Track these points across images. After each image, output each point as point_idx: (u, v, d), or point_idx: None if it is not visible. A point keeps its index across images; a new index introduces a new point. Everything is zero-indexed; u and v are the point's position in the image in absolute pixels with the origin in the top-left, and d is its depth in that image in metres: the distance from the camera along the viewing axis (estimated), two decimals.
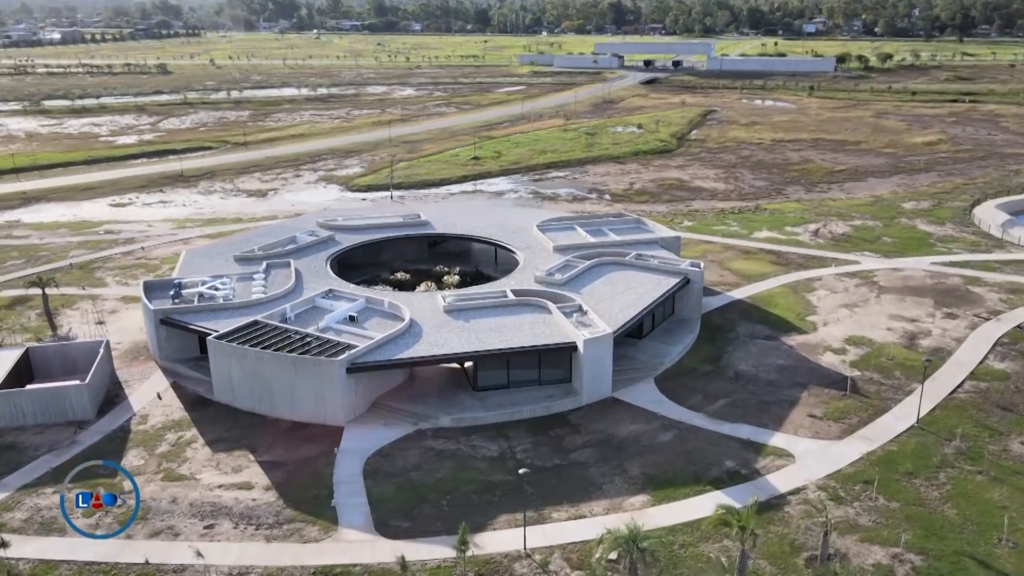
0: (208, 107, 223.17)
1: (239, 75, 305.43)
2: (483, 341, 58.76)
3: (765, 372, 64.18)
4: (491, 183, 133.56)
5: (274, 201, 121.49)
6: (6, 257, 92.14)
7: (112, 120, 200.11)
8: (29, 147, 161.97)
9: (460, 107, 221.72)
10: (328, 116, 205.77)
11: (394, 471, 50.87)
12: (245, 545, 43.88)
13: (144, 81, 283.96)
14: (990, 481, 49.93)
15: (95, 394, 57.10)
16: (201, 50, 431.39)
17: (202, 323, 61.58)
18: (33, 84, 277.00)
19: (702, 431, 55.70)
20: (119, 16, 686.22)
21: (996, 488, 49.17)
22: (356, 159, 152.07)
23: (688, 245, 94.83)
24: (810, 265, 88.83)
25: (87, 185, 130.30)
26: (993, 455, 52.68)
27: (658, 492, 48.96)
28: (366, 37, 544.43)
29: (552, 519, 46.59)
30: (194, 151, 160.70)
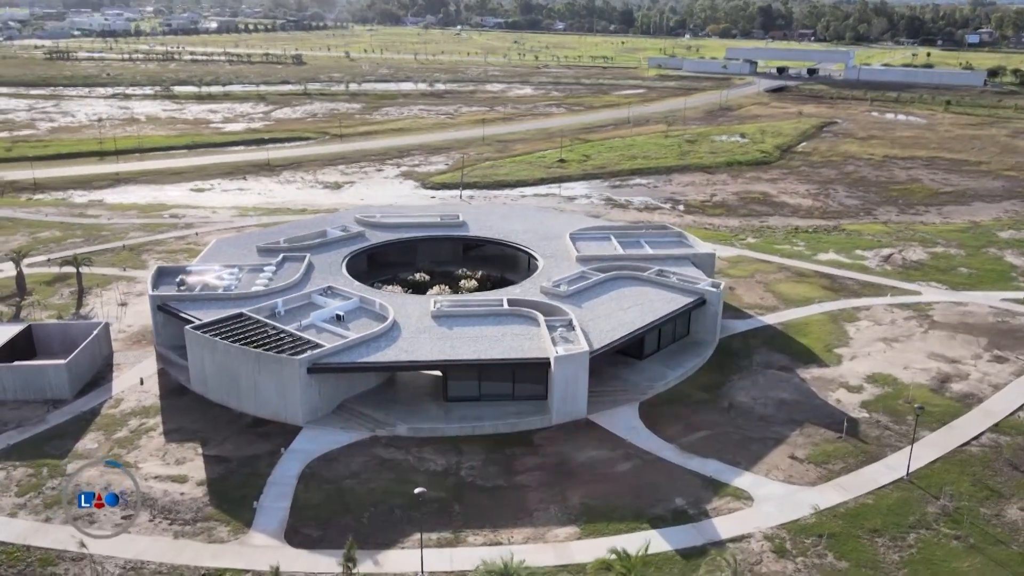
0: (325, 98, 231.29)
1: (367, 68, 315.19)
2: (455, 350, 57.54)
3: (763, 405, 59.72)
4: (568, 187, 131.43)
5: (346, 194, 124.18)
6: (70, 235, 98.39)
7: (229, 107, 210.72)
8: (142, 130, 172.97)
9: (570, 108, 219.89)
10: (435, 112, 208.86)
11: (331, 477, 50.49)
12: (152, 539, 44.46)
13: (277, 71, 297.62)
14: (966, 549, 44.40)
15: (75, 375, 59.43)
16: (343, 43, 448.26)
17: (193, 312, 63.22)
18: (174, 70, 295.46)
19: (665, 464, 52.36)
20: (277, 8, 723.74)
21: (969, 557, 43.67)
22: (443, 156, 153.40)
23: (741, 263, 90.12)
24: (864, 293, 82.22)
25: (176, 169, 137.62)
26: (981, 520, 46.83)
27: (589, 526, 46.30)
28: (507, 35, 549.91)
29: (467, 543, 44.91)
30: (292, 141, 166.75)
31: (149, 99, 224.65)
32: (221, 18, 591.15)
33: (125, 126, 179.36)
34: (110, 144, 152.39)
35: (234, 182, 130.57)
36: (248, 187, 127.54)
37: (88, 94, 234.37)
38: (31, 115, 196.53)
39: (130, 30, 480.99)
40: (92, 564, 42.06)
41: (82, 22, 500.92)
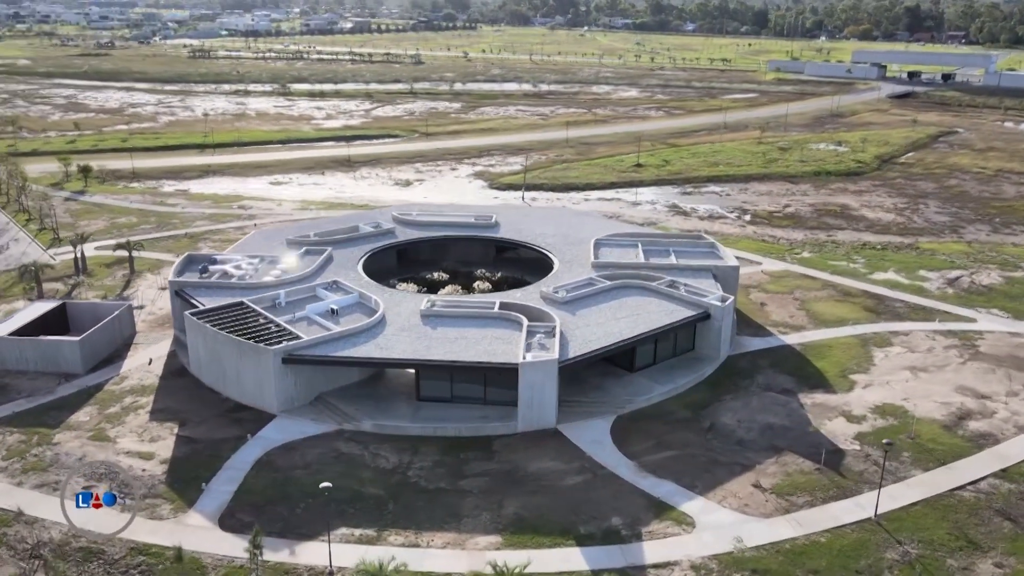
0: (429, 97, 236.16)
1: (480, 68, 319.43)
2: (429, 350, 57.75)
3: (746, 429, 56.82)
4: (636, 192, 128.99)
5: (413, 191, 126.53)
6: (144, 221, 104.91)
7: (336, 105, 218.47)
8: (249, 125, 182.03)
9: (669, 112, 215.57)
10: (531, 112, 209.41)
11: (283, 466, 51.76)
12: (100, 511, 46.85)
13: (395, 70, 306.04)
14: None
15: (88, 351, 63.42)
16: (466, 43, 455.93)
17: (202, 298, 66.26)
18: (299, 68, 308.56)
19: (617, 481, 50.75)
20: (414, 8, 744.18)
21: None
22: (522, 157, 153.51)
23: (785, 279, 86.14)
24: (910, 316, 76.75)
25: (263, 163, 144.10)
26: (943, 572, 42.88)
27: (514, 537, 45.52)
28: (632, 36, 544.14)
29: (386, 542, 45.07)
30: (381, 138, 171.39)
31: (265, 96, 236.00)
32: (358, 19, 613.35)
33: (234, 121, 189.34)
34: (212, 138, 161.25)
35: (311, 177, 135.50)
36: (323, 182, 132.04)
37: (214, 90, 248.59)
38: (156, 109, 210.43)
39: (271, 30, 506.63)
40: (41, 528, 44.83)
41: (230, 23, 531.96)
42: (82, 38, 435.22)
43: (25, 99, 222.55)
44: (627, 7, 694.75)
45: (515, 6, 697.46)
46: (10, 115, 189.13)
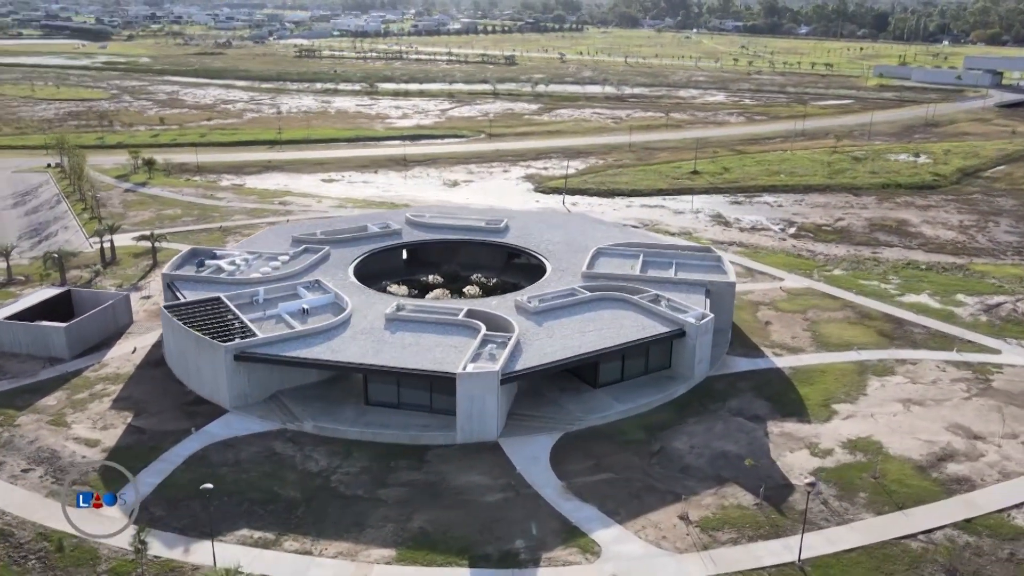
0: (510, 98, 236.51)
1: (573, 70, 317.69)
2: (378, 355, 57.47)
3: (697, 456, 54.00)
4: (682, 200, 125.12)
5: (457, 192, 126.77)
6: (187, 214, 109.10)
7: (415, 104, 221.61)
8: (324, 122, 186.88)
9: (750, 118, 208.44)
10: (605, 116, 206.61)
11: (214, 462, 52.50)
12: (28, 493, 48.77)
13: (486, 71, 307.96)
14: None
15: (75, 338, 66.18)
16: (568, 45, 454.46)
17: (188, 291, 68.22)
18: (394, 68, 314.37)
19: (539, 501, 49.07)
20: (525, 10, 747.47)
21: None
22: (580, 160, 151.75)
23: (803, 297, 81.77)
24: (926, 344, 71.30)
25: (321, 160, 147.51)
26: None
27: (409, 552, 44.63)
28: (741, 38, 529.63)
29: (280, 547, 44.98)
30: (446, 138, 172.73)
31: (352, 95, 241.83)
32: (467, 20, 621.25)
33: (312, 119, 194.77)
34: (285, 134, 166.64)
35: (363, 175, 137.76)
36: (372, 180, 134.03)
37: (306, 88, 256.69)
38: (246, 106, 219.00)
39: (381, 31, 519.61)
40: None
41: (343, 23, 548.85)
42: (204, 38, 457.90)
43: (131, 94, 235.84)
44: (740, 9, 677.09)
45: (625, 8, 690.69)
46: (111, 109, 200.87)
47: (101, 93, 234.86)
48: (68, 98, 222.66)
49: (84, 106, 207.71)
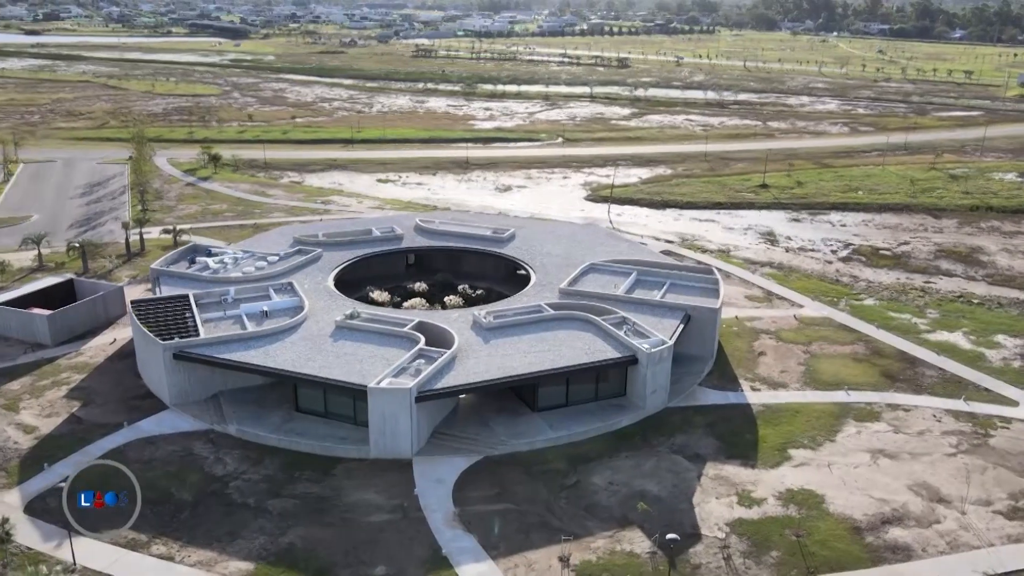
0: (604, 102, 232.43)
1: (685, 74, 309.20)
2: (307, 362, 56.96)
3: (612, 493, 50.57)
4: (738, 215, 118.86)
5: (505, 197, 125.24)
6: (230, 209, 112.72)
7: (505, 106, 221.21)
8: (410, 122, 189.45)
9: (855, 128, 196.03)
10: (698, 123, 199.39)
11: (129, 458, 53.03)
12: None
13: (595, 73, 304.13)
14: None
15: (58, 326, 69.07)
16: (695, 47, 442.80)
17: (167, 287, 70.19)
18: (502, 69, 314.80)
19: (422, 527, 47.19)
20: (660, 11, 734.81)
21: None
22: (647, 169, 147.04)
23: (813, 327, 76.11)
24: (932, 389, 64.36)
25: (385, 160, 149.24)
26: None
27: (267, 568, 43.83)
28: (883, 42, 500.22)
29: (145, 549, 45.14)
30: (522, 141, 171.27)
31: (448, 95, 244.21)
32: (594, 22, 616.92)
33: (399, 119, 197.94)
34: (363, 133, 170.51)
35: (421, 177, 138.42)
36: (427, 183, 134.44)
37: (407, 88, 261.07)
38: (342, 104, 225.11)
39: (505, 31, 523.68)
40: None
41: (469, 24, 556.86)
42: (333, 37, 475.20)
43: (241, 91, 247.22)
44: (890, 11, 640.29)
45: (763, 10, 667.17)
46: (215, 105, 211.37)
47: (214, 89, 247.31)
48: (182, 93, 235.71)
49: (192, 101, 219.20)
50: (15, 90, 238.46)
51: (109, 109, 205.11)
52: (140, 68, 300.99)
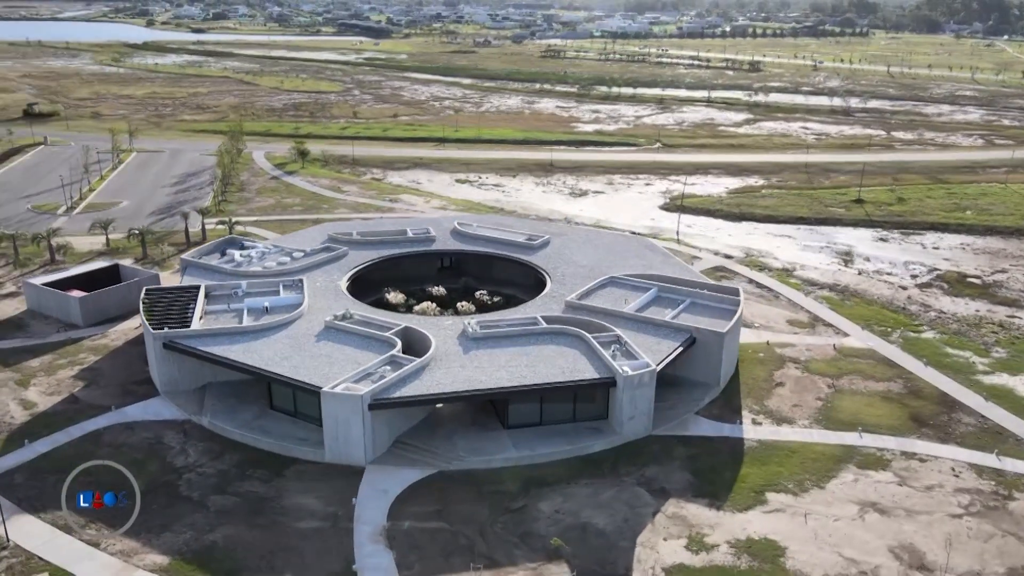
0: (720, 106, 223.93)
1: (821, 78, 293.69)
2: (281, 362, 56.98)
3: (553, 523, 47.97)
4: (820, 231, 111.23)
5: (578, 203, 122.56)
6: (303, 203, 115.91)
7: (614, 109, 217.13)
8: (513, 123, 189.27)
9: (991, 142, 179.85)
10: (813, 131, 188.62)
11: (104, 441, 54.95)
12: None
13: (724, 77, 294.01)
14: None
15: (90, 308, 72.64)
16: (839, 51, 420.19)
17: (189, 279, 72.77)
18: (627, 70, 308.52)
19: (345, 538, 46.33)
20: (814, 12, 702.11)
21: None
22: (737, 179, 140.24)
23: (851, 359, 70.22)
24: (962, 440, 57.60)
25: (469, 160, 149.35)
26: None
27: (177, 565, 44.08)
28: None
29: (78, 535, 46.25)
30: (617, 146, 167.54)
31: (560, 96, 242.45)
32: (743, 22, 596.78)
33: (500, 119, 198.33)
34: (459, 133, 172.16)
35: (500, 178, 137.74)
36: (503, 184, 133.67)
37: (523, 88, 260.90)
38: (453, 103, 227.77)
39: (642, 33, 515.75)
40: None
41: (606, 24, 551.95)
42: (469, 36, 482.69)
43: (362, 88, 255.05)
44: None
45: (927, 11, 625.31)
46: (333, 102, 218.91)
47: (337, 86, 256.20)
48: (306, 90, 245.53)
49: (312, 98, 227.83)
50: (160, 84, 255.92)
51: (234, 103, 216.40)
52: (279, 65, 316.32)
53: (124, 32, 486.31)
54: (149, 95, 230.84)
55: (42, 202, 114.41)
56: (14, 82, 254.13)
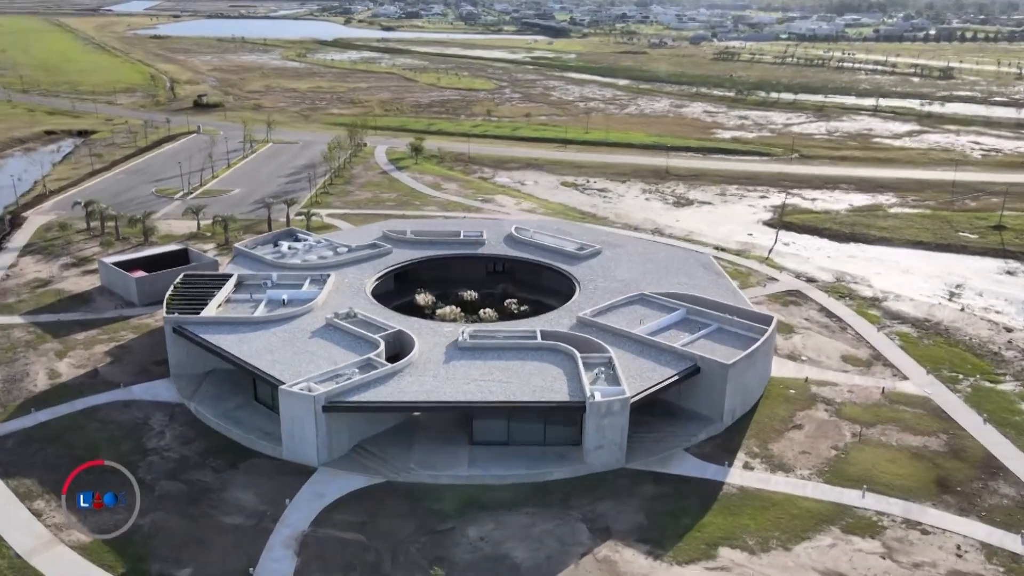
0: (885, 116, 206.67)
1: (1021, 89, 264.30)
2: (265, 354, 58.09)
3: (472, 550, 45.83)
4: (933, 258, 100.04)
5: (678, 213, 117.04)
6: (397, 199, 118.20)
7: (763, 115, 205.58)
8: (648, 127, 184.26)
9: None
10: (984, 147, 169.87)
11: (97, 416, 58.15)
12: None
13: (907, 84, 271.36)
14: None
15: (146, 289, 76.87)
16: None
17: (233, 265, 76.12)
18: (802, 74, 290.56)
19: (258, 540, 46.36)
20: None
21: None
22: (867, 196, 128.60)
23: (897, 406, 62.93)
24: (987, 515, 49.56)
25: (581, 164, 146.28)
26: None
27: (98, 548, 45.63)
28: None
29: (29, 502, 49.10)
30: (748, 154, 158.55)
31: (710, 100, 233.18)
32: (950, 25, 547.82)
33: (638, 122, 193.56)
34: (590, 135, 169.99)
35: (608, 183, 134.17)
36: (609, 189, 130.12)
37: (676, 92, 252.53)
38: (596, 104, 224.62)
39: (835, 35, 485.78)
40: None
41: (796, 26, 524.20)
42: (642, 37, 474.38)
43: (513, 87, 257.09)
44: None
45: None
46: (478, 99, 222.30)
47: (491, 85, 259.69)
48: (459, 87, 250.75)
49: (460, 95, 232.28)
50: (328, 79, 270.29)
51: (385, 99, 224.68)
52: (445, 63, 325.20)
53: (320, 29, 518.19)
54: (313, 89, 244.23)
55: (165, 187, 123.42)
56: (203, 74, 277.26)
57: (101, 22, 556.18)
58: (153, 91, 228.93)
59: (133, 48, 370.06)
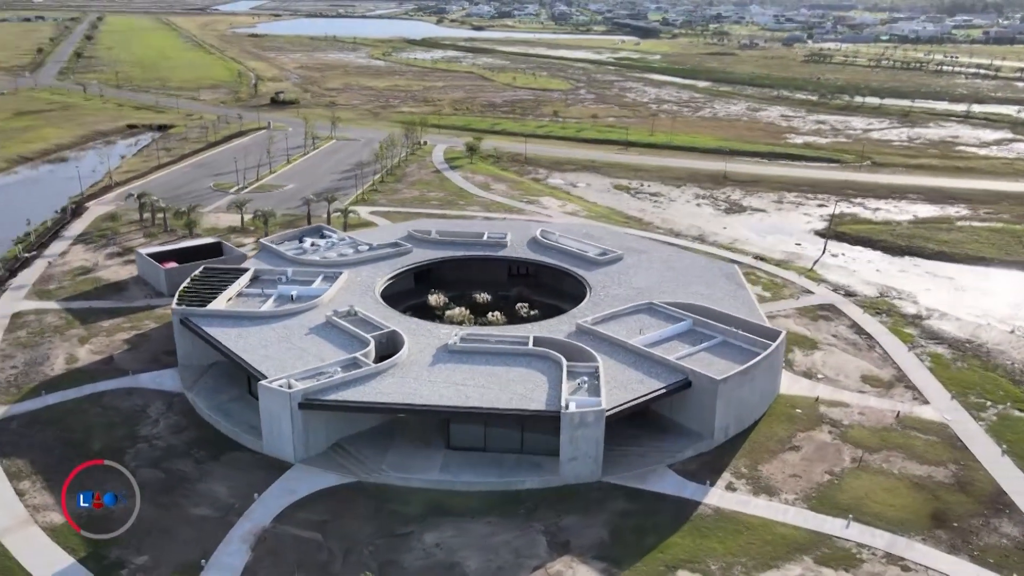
0: (976, 123, 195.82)
1: None
2: (255, 349, 59.02)
3: (426, 556, 45.47)
4: (991, 275, 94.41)
5: (726, 221, 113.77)
6: (443, 199, 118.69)
7: (841, 120, 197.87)
8: (714, 130, 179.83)
9: None
10: None
11: (100, 401, 60.38)
12: None
13: (1009, 89, 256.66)
14: None
15: (174, 279, 78.72)
16: None
17: (255, 260, 77.84)
18: (895, 78, 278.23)
19: (218, 535, 47.11)
20: None
21: None
22: (935, 207, 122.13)
23: (909, 432, 59.57)
24: (980, 553, 46.36)
25: (637, 166, 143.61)
26: None
27: (67, 532, 46.90)
28: None
29: (16, 481, 51.22)
30: (817, 161, 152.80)
31: (789, 104, 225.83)
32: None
33: (708, 125, 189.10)
34: (654, 137, 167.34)
35: (662, 187, 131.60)
36: (662, 194, 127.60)
37: (756, 95, 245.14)
38: (669, 107, 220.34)
39: (940, 37, 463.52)
40: None
41: (899, 28, 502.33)
42: (734, 38, 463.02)
43: (588, 88, 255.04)
44: None
45: None
46: (550, 100, 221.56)
47: (566, 85, 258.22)
48: (534, 87, 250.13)
49: (533, 95, 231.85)
50: (407, 78, 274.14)
51: (457, 98, 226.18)
52: (526, 63, 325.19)
53: (411, 28, 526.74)
54: (389, 87, 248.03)
55: (223, 181, 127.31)
56: (287, 72, 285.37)
57: (205, 20, 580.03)
58: (237, 87, 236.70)
59: (229, 46, 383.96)
